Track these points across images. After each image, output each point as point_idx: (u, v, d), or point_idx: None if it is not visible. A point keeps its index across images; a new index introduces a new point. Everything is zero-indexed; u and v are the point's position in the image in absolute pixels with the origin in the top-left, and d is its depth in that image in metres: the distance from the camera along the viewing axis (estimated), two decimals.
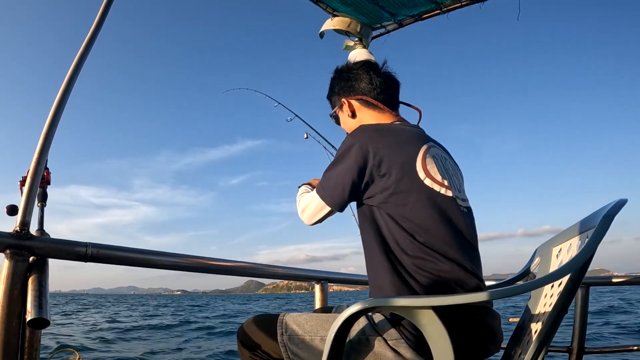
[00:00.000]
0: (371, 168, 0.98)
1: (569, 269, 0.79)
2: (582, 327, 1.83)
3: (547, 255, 1.25)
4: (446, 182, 1.01)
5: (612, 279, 1.88)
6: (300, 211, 1.15)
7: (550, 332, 0.85)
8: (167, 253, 1.34)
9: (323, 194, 1.06)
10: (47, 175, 1.08)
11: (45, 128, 1.02)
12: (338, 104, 1.22)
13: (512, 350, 1.20)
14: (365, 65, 1.19)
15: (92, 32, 1.14)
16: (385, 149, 0.99)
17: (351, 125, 1.19)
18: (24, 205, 0.96)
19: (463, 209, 1.03)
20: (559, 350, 1.88)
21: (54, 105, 1.05)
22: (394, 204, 0.96)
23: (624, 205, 0.85)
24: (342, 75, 1.21)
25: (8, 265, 0.93)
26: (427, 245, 0.93)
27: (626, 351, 1.96)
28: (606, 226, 0.81)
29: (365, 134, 1.02)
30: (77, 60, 1.10)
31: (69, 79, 1.08)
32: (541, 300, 1.12)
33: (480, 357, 0.91)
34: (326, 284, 1.91)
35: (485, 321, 0.90)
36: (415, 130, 1.10)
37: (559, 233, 1.18)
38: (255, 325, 1.03)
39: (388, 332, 0.89)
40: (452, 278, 0.91)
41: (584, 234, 0.96)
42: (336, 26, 2.07)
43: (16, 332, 0.91)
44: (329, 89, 1.25)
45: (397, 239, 0.95)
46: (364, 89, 1.16)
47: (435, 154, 1.04)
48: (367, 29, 2.16)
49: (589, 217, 0.95)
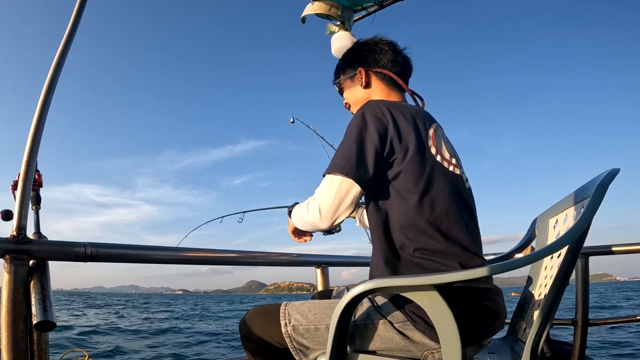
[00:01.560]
0: (391, 138, 0.93)
1: (567, 240, 0.79)
2: (584, 298, 1.85)
3: (544, 227, 1.26)
4: (454, 160, 1.01)
5: (612, 248, 1.90)
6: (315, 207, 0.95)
7: (553, 305, 0.86)
8: (165, 247, 1.35)
9: (346, 167, 0.91)
10: (38, 177, 1.07)
11: (31, 130, 1.00)
12: (350, 73, 1.18)
13: (517, 325, 1.22)
14: (392, 42, 1.18)
15: (71, 25, 1.11)
16: (402, 120, 0.96)
17: (358, 96, 1.17)
18: (19, 210, 0.96)
19: (469, 190, 1.05)
20: (563, 323, 1.90)
21: (38, 105, 1.02)
22: (409, 176, 0.93)
23: (617, 174, 0.85)
24: (366, 46, 1.18)
25: (9, 270, 0.93)
26: (434, 224, 0.91)
27: (630, 321, 1.98)
28: (601, 195, 0.81)
29: (380, 105, 0.98)
30: (57, 57, 1.07)
31: (51, 77, 1.05)
32: (541, 272, 1.13)
33: (484, 334, 0.92)
34: (327, 267, 1.93)
35: (488, 298, 0.90)
36: (423, 110, 1.09)
37: (555, 204, 1.19)
38: (257, 318, 1.00)
39: (393, 315, 0.89)
40: (456, 259, 0.90)
41: (579, 204, 0.97)
42: (317, 10, 2.05)
43: (23, 336, 0.92)
44: (344, 57, 1.22)
45: (405, 218, 0.93)
46: (385, 64, 1.15)
47: (442, 134, 1.05)
48: (348, 11, 2.13)
49: (583, 187, 0.95)
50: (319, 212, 0.94)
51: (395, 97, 1.14)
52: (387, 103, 1.01)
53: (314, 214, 0.96)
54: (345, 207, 0.93)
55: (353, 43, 1.26)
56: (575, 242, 0.82)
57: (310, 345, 0.93)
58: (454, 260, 0.90)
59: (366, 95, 1.16)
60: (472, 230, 0.97)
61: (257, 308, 1.03)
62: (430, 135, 0.99)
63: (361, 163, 0.91)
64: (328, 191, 0.93)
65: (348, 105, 1.24)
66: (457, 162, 1.03)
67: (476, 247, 0.95)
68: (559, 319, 1.91)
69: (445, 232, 0.91)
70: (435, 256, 0.90)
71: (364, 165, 0.92)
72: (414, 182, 0.92)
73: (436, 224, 0.91)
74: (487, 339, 0.94)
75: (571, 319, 1.88)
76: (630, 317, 1.99)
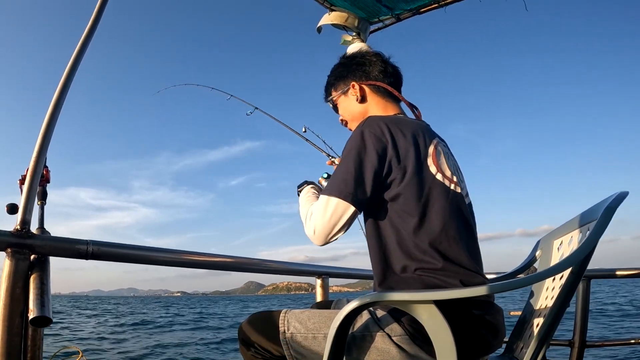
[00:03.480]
0: (390, 158, 0.93)
1: (570, 262, 0.79)
2: (583, 320, 1.83)
3: (548, 248, 1.25)
4: (455, 178, 0.99)
5: (616, 272, 1.88)
6: (311, 227, 0.96)
7: (552, 326, 0.85)
8: (167, 249, 1.35)
9: (344, 190, 0.92)
10: (46, 173, 1.08)
11: (43, 126, 1.01)
12: (343, 88, 1.17)
13: (514, 344, 1.21)
14: (379, 54, 1.17)
15: (90, 27, 1.13)
16: (401, 140, 0.95)
17: (355, 111, 1.16)
18: (24, 204, 0.96)
19: (469, 206, 1.03)
20: (560, 344, 1.88)
21: (52, 102, 1.04)
22: (407, 198, 0.92)
23: (625, 198, 0.84)
24: (354, 59, 1.17)
25: (9, 264, 0.93)
26: (434, 245, 0.90)
27: (627, 345, 1.96)
28: (608, 219, 0.81)
29: (380, 122, 0.97)
30: (74, 57, 1.09)
31: (67, 75, 1.07)
32: (542, 293, 1.12)
33: (482, 352, 0.91)
34: (327, 278, 1.92)
35: (487, 316, 0.90)
36: (424, 124, 1.07)
37: (560, 226, 1.18)
38: (255, 323, 1.00)
39: (391, 328, 0.88)
40: (457, 276, 0.89)
41: (585, 227, 0.96)
42: (333, 21, 2.06)
43: (19, 330, 0.91)
44: (334, 73, 1.21)
45: (404, 236, 0.92)
46: (377, 76, 1.14)
47: (443, 150, 1.03)
48: (364, 23, 2.15)
49: (590, 210, 0.94)
50: (314, 232, 0.96)
51: (392, 109, 1.13)
52: (387, 119, 0.99)
53: (309, 231, 0.98)
54: (339, 227, 0.94)
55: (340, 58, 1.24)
56: (579, 264, 0.81)
57: (307, 354, 0.93)
58: (455, 278, 0.89)
59: (363, 110, 1.14)
60: (472, 249, 0.97)
61: (257, 314, 1.03)
62: (430, 152, 0.98)
63: (359, 185, 0.92)
64: (324, 213, 0.94)
65: (345, 122, 1.22)
66: (458, 178, 1.01)
67: (476, 266, 0.94)
68: (556, 340, 1.88)
69: (445, 252, 0.91)
70: (436, 274, 0.90)
71: (362, 188, 0.93)
72: (413, 204, 0.92)
73: (435, 245, 0.91)
74: (484, 356, 0.93)
75: (568, 340, 1.85)
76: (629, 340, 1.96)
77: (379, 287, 0.97)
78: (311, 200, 1.09)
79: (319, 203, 0.97)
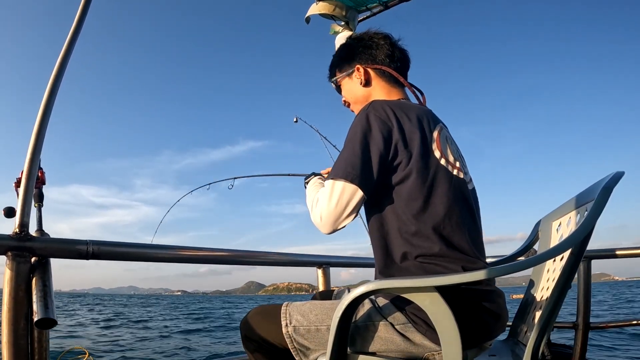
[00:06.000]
0: (396, 142, 0.91)
1: (570, 243, 0.79)
2: (586, 302, 1.84)
3: (547, 229, 1.26)
4: (458, 163, 0.98)
5: (616, 252, 1.88)
6: (317, 213, 0.92)
7: (554, 308, 0.85)
8: (166, 246, 1.35)
9: (351, 173, 0.88)
10: (41, 175, 1.07)
11: (35, 127, 1.00)
12: (347, 70, 1.15)
13: (518, 327, 1.22)
14: (387, 36, 1.14)
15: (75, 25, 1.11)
16: (407, 123, 0.93)
17: (358, 94, 1.14)
18: (22, 207, 0.96)
19: (472, 191, 1.02)
20: (565, 326, 1.90)
21: (42, 103, 1.02)
22: (412, 182, 0.90)
23: (621, 177, 0.84)
24: (361, 41, 1.14)
25: (11, 267, 0.93)
26: (437, 230, 0.90)
27: (630, 325, 1.99)
28: (605, 198, 0.80)
29: (385, 106, 0.95)
30: (62, 56, 1.07)
31: (55, 75, 1.05)
32: (543, 275, 1.13)
33: (486, 337, 0.91)
34: (328, 268, 1.93)
35: (489, 300, 0.90)
36: (427, 109, 1.06)
37: (558, 207, 1.18)
38: (258, 318, 0.99)
39: (394, 316, 0.88)
40: (458, 262, 0.89)
41: (582, 207, 0.96)
42: (321, 10, 2.05)
43: (24, 333, 0.92)
44: (340, 53, 1.18)
45: (405, 222, 0.91)
46: (383, 60, 1.11)
47: (447, 136, 1.02)
48: (352, 12, 2.13)
49: (587, 190, 0.94)
50: (320, 219, 0.92)
51: (396, 94, 1.11)
52: (391, 104, 0.98)
53: (315, 218, 0.94)
54: (347, 213, 0.90)
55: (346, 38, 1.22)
56: (579, 245, 0.81)
57: (311, 346, 0.93)
58: (457, 264, 0.89)
59: (366, 94, 1.12)
60: (475, 235, 0.96)
61: (259, 308, 1.02)
62: (435, 137, 0.96)
63: (366, 168, 0.89)
64: (330, 197, 0.90)
65: (347, 103, 1.20)
66: (461, 164, 1.01)
67: (478, 251, 0.94)
68: (560, 322, 1.90)
69: (448, 237, 0.90)
70: (437, 260, 0.89)
71: (369, 171, 0.89)
72: (418, 188, 0.90)
73: (438, 230, 0.90)
74: (488, 341, 0.94)
75: (572, 322, 1.87)
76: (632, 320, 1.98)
77: (379, 275, 0.96)
78: (318, 188, 1.05)
79: (324, 189, 0.93)
